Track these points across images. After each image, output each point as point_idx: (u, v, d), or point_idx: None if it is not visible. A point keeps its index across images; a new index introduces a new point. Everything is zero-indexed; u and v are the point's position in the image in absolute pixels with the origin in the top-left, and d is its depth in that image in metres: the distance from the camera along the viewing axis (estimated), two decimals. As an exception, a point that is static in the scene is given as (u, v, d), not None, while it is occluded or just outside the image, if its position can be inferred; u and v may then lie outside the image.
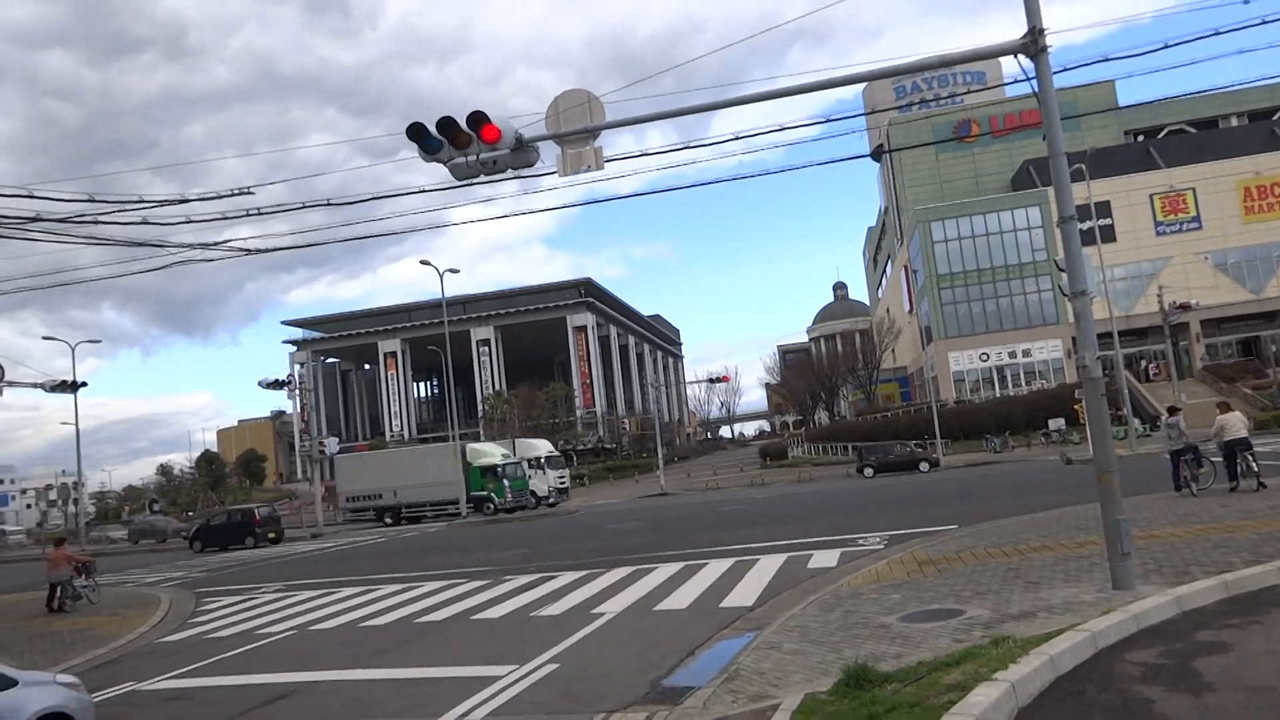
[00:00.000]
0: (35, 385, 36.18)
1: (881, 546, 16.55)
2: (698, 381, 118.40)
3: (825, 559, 15.72)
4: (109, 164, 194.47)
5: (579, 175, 10.85)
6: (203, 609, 18.32)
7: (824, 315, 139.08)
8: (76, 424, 46.58)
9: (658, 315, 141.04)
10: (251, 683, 10.63)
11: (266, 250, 17.23)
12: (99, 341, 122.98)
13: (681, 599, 13.24)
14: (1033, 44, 9.66)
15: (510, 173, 10.73)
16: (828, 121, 13.87)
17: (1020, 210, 68.29)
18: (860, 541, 17.67)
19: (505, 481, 44.20)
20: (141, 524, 57.47)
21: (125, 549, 50.31)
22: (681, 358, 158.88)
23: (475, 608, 14.40)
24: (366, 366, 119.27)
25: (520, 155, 10.34)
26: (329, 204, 14.06)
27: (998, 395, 66.04)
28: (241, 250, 16.86)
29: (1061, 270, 10.48)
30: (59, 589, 19.94)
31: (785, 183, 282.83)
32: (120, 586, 24.31)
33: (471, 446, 47.91)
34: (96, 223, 14.01)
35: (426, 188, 14.38)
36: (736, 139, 12.52)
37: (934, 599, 10.38)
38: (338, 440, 54.54)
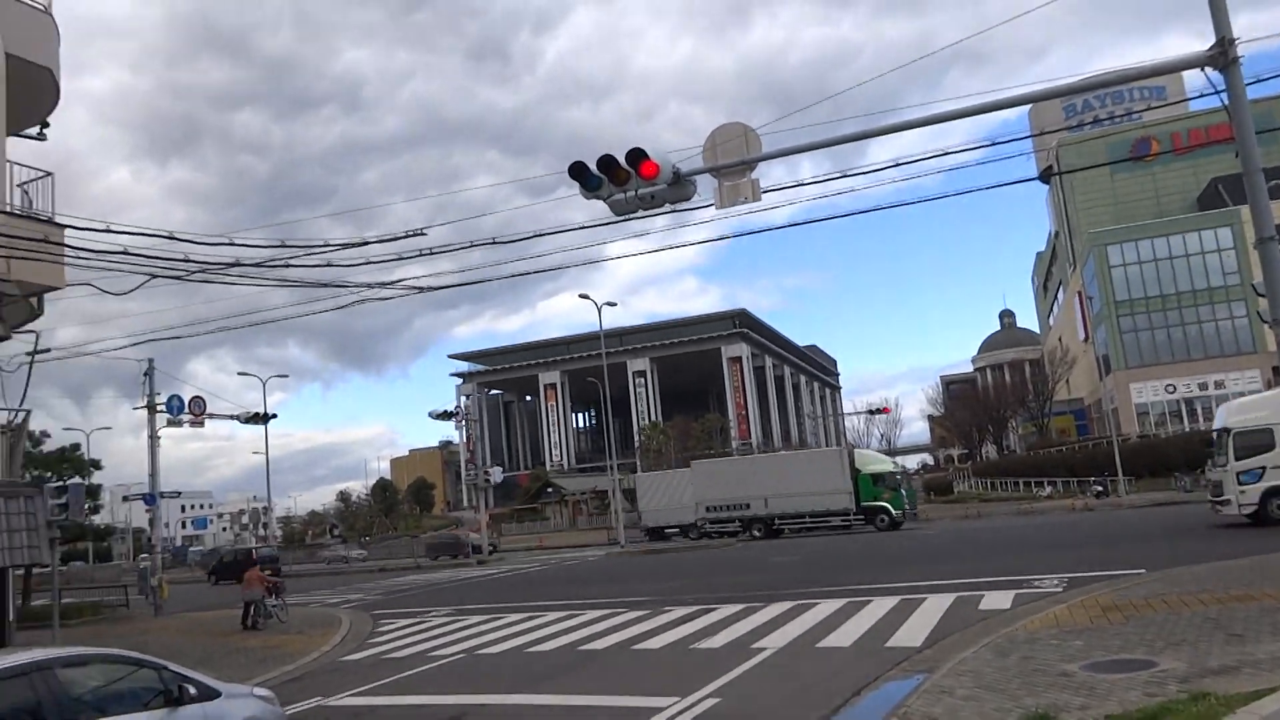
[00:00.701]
0: (232, 417, 39.19)
1: (1060, 589, 15.61)
2: (856, 413, 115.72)
3: (998, 600, 14.96)
4: (293, 211, 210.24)
5: (732, 208, 10.92)
6: (380, 630, 19.24)
7: (990, 344, 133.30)
8: (266, 453, 50.06)
9: (813, 345, 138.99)
10: (427, 703, 11.08)
11: (437, 288, 18.12)
12: (286, 376, 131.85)
13: (844, 637, 12.90)
14: (1222, 55, 9.05)
15: (667, 207, 10.91)
16: (993, 145, 13.41)
17: (1209, 231, 63.57)
18: (1036, 583, 16.71)
19: (902, 491, 41.67)
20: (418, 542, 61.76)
21: (308, 571, 53.42)
22: (839, 388, 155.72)
23: (636, 637, 14.50)
24: (528, 398, 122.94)
25: (677, 189, 10.50)
26: (494, 242, 14.67)
27: (1186, 430, 61.26)
28: (414, 289, 17.82)
29: (1261, 295, 9.70)
30: (252, 607, 21.42)
31: (946, 209, 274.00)
32: (307, 607, 25.87)
33: (860, 452, 45.44)
34: (287, 266, 15.14)
35: (584, 224, 14.78)
36: (896, 165, 12.28)
37: (1121, 648, 9.69)
38: (501, 470, 56.32)
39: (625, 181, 10.07)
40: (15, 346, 17.23)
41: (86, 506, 30.45)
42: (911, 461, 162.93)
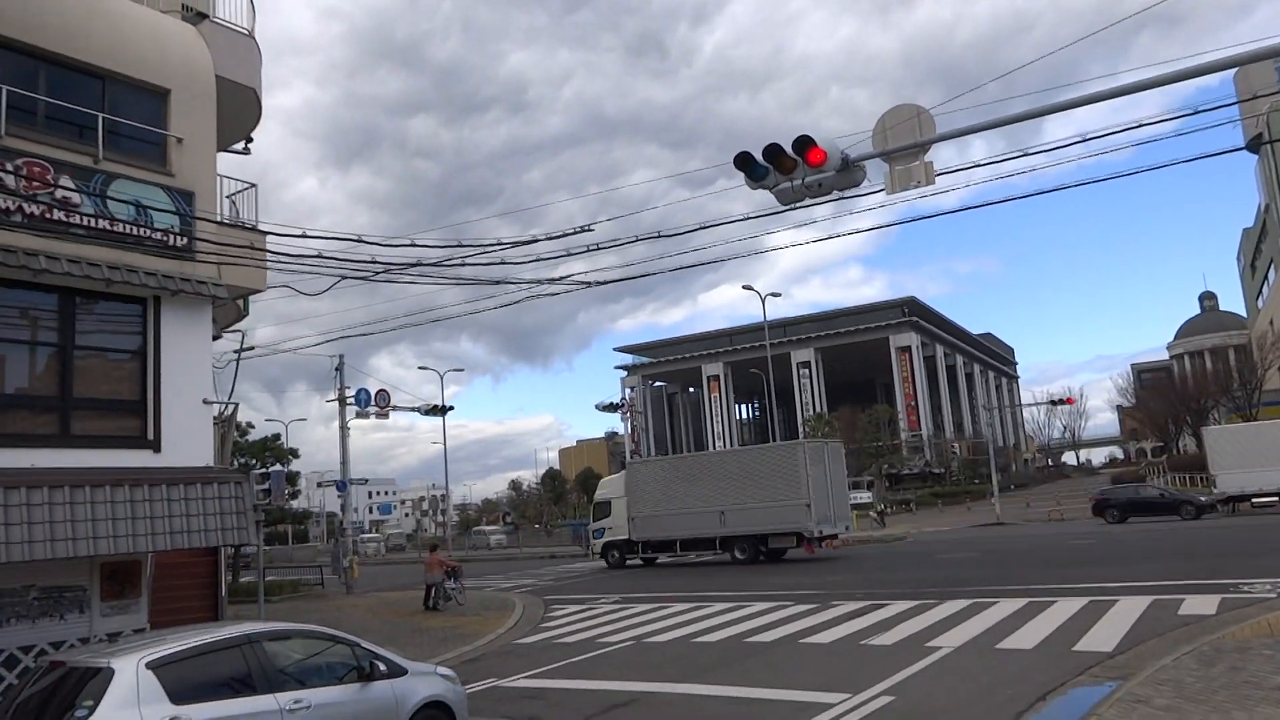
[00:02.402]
0: (413, 409, 41.44)
1: (1274, 595, 14.28)
2: (1036, 404, 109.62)
3: (1200, 605, 13.84)
4: (463, 213, 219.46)
5: (903, 192, 10.55)
6: (551, 615, 19.85)
7: (1188, 329, 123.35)
8: (444, 443, 52.28)
9: (988, 333, 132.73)
10: (597, 688, 11.34)
11: (603, 283, 18.45)
12: (462, 370, 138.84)
13: (1026, 638, 12.28)
14: None
15: (835, 194, 10.66)
16: (1194, 113, 12.32)
17: None
18: (1245, 588, 15.36)
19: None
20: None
21: (482, 556, 55.62)
22: (1016, 378, 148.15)
23: (803, 631, 14.33)
24: (691, 389, 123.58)
25: (846, 176, 10.23)
26: (658, 236, 14.77)
27: None
28: (581, 284, 18.22)
29: None
30: (433, 590, 22.55)
31: (1137, 186, 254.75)
32: (482, 590, 27.00)
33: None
34: (462, 264, 15.81)
35: (746, 215, 14.68)
36: (1082, 140, 11.49)
37: (1349, 662, 8.78)
38: (666, 461, 56.75)
39: (792, 170, 9.90)
40: (223, 345, 18.82)
41: (286, 492, 32.92)
42: (1099, 455, 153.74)
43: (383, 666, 7.82)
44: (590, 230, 15.33)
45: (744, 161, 9.98)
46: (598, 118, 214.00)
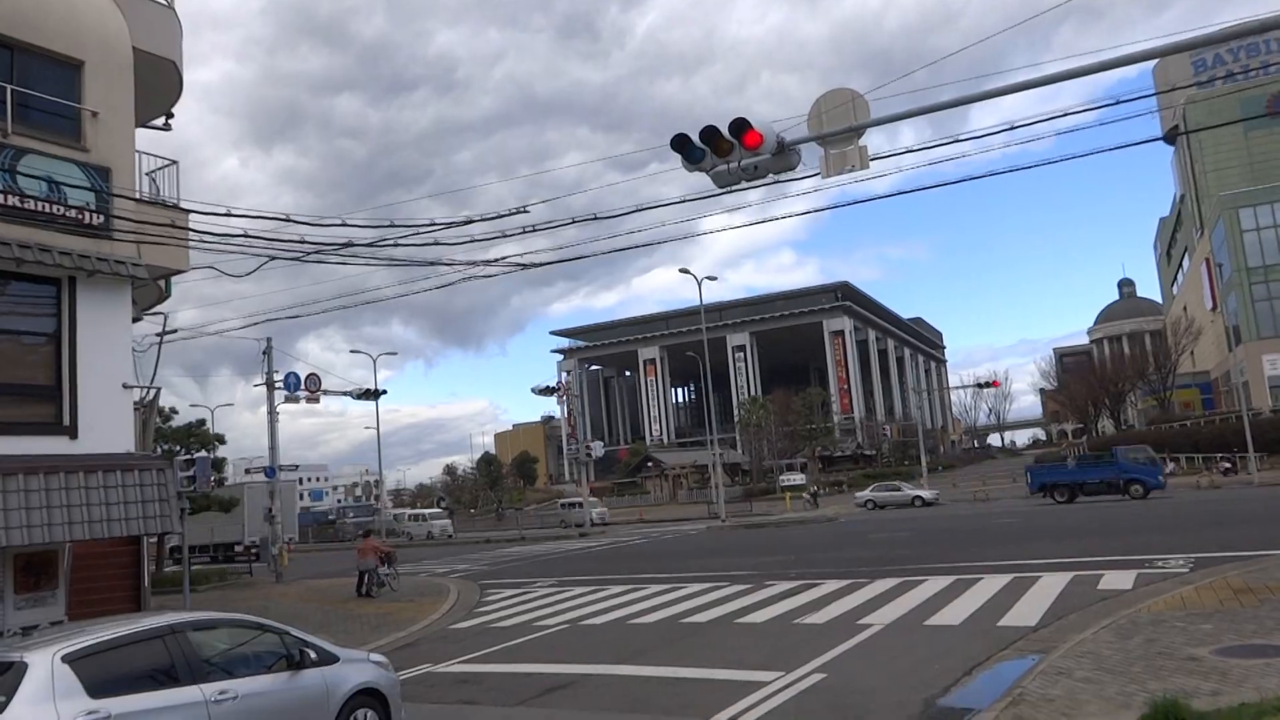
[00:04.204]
0: (345, 393, 40.62)
1: (1187, 570, 14.87)
2: (963, 386, 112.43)
3: (1118, 580, 14.35)
4: (391, 193, 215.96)
5: (831, 178, 10.65)
6: (486, 600, 19.73)
7: (1108, 315, 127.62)
8: (378, 428, 51.39)
9: (918, 318, 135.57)
10: (532, 671, 11.30)
11: (538, 265, 18.29)
12: (395, 354, 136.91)
13: (954, 614, 12.59)
14: (1377, -7, 8.30)
15: (771, 177, 10.71)
16: (1114, 104, 12.64)
17: (1353, 190, 59.12)
18: (1160, 563, 15.98)
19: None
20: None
21: (417, 543, 55.06)
22: (945, 362, 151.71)
23: (738, 611, 14.47)
24: (627, 373, 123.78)
25: (781, 159, 10.27)
26: (594, 218, 14.69)
27: (1325, 403, 57.45)
28: (516, 265, 18.04)
29: None
30: (366, 576, 22.22)
31: (1060, 175, 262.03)
32: (416, 576, 26.72)
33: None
34: (395, 245, 15.52)
35: (681, 198, 14.66)
36: (1009, 128, 11.73)
37: (1256, 633, 9.17)
38: (602, 444, 56.93)
39: (728, 153, 9.90)
40: (144, 328, 18.19)
41: (212, 479, 32.04)
42: (1022, 437, 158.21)
43: (313, 654, 7.66)
44: (526, 211, 15.16)
45: (681, 144, 9.95)
46: (529, 99, 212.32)
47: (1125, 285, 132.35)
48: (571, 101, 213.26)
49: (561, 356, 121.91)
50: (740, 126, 9.65)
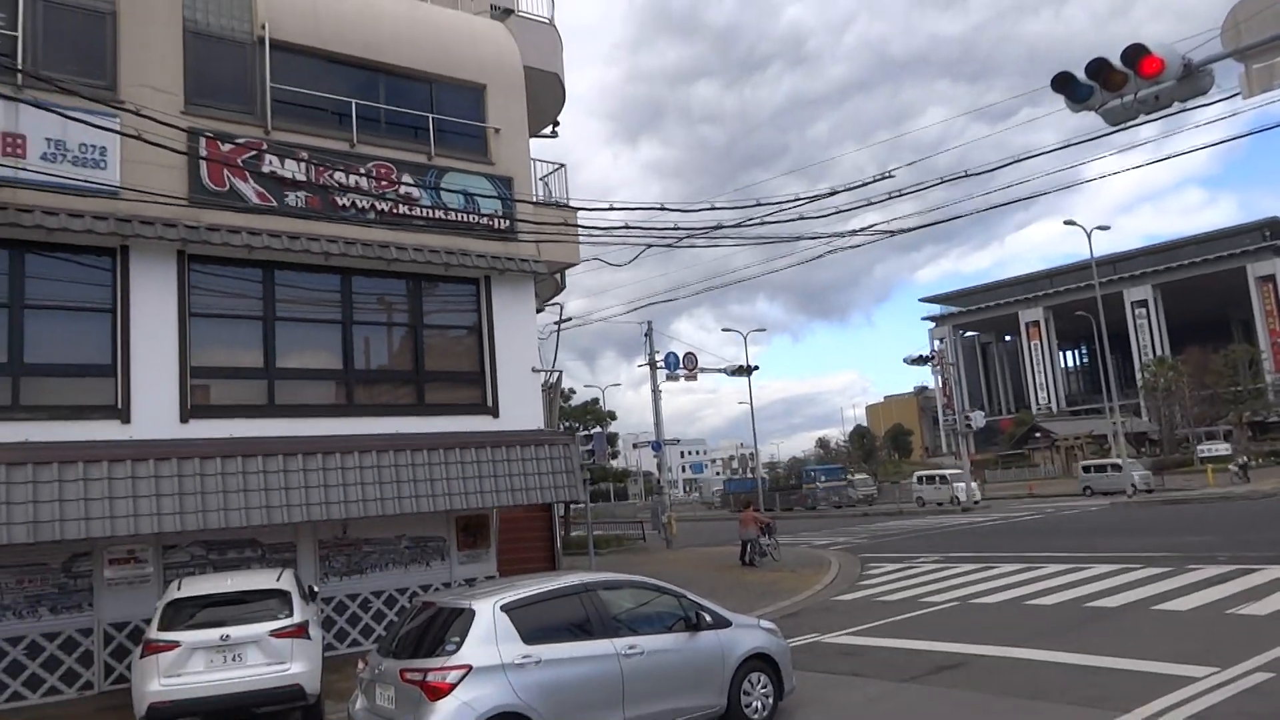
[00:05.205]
0: (720, 370, 42.34)
1: None
2: None
3: None
4: (751, 174, 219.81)
5: (1255, 98, 9.07)
6: (868, 573, 19.56)
7: None
8: (751, 403, 53.13)
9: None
10: (920, 648, 11.01)
11: (907, 230, 17.65)
12: (764, 330, 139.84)
13: None
14: None
15: (1176, 106, 9.39)
16: None
17: None
18: None
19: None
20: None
21: (796, 514, 56.01)
22: None
23: (1155, 597, 12.99)
24: (1007, 338, 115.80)
25: (1188, 84, 8.95)
26: (965, 175, 13.88)
27: None
28: (883, 233, 17.56)
29: None
30: (748, 546, 23.02)
31: None
32: (796, 547, 27.19)
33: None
34: (762, 223, 15.82)
35: (1066, 143, 13.37)
36: None
37: None
38: (983, 414, 53.87)
39: (1122, 85, 8.82)
40: (543, 318, 20.28)
41: (608, 452, 35.02)
42: None
43: (708, 618, 8.09)
44: (891, 176, 14.75)
45: (1063, 82, 9.04)
46: (883, 60, 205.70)
47: None
48: (929, 56, 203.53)
49: (933, 324, 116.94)
50: (1135, 53, 8.56)
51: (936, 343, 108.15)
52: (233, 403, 12.39)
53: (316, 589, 11.53)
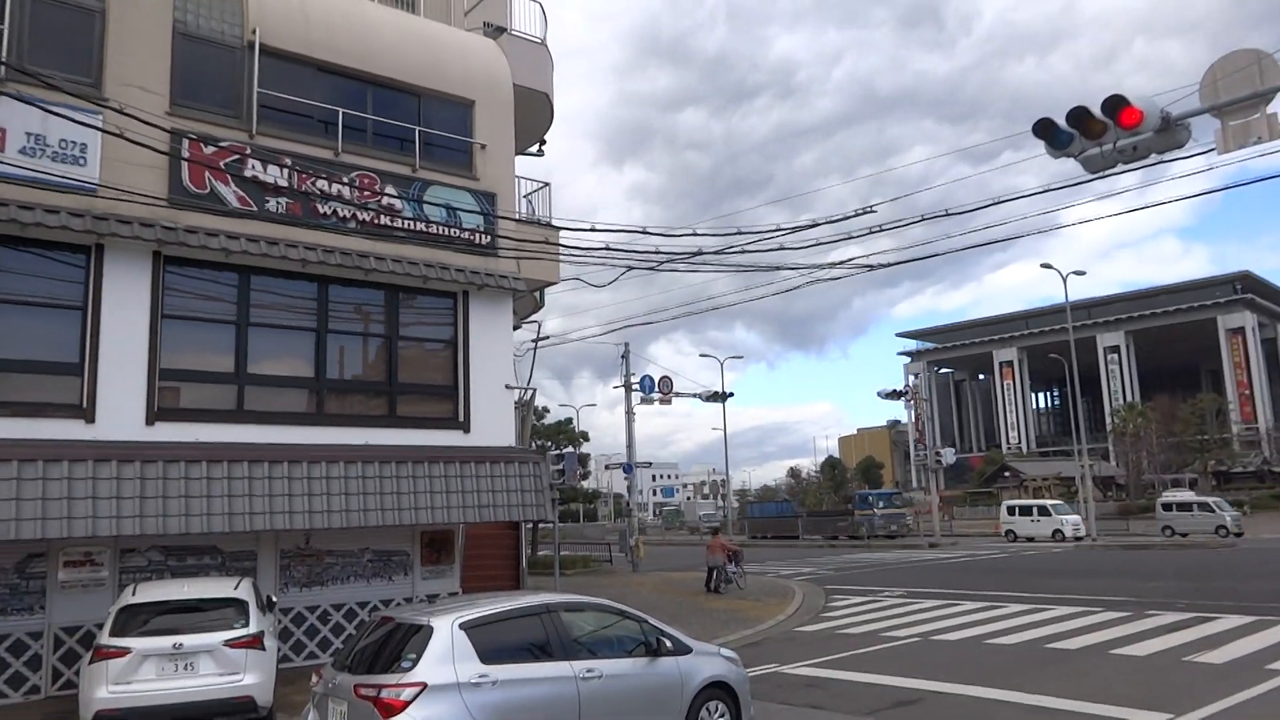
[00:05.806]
0: (695, 395, 42.38)
1: None
2: None
3: None
4: (734, 201, 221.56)
5: (1229, 154, 9.28)
6: (832, 605, 19.56)
7: None
8: (725, 429, 53.15)
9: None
10: (880, 683, 11.02)
11: (886, 265, 17.83)
12: (741, 358, 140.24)
13: (1402, 670, 10.43)
14: None
15: (1153, 158, 9.57)
16: None
17: None
18: None
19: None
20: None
21: (758, 543, 55.89)
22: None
23: (1115, 641, 13.08)
24: (981, 377, 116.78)
25: (1166, 136, 9.13)
26: (945, 214, 14.06)
27: None
28: (862, 267, 17.72)
29: None
30: (714, 572, 22.97)
31: None
32: (762, 576, 27.14)
33: None
34: (742, 251, 15.91)
35: (1046, 188, 13.56)
36: None
37: None
38: (953, 451, 54.19)
39: (1101, 134, 8.99)
40: (520, 335, 20.26)
41: (579, 473, 34.89)
42: None
43: (669, 643, 8.06)
44: (872, 211, 14.89)
45: (1044, 129, 9.20)
46: (870, 96, 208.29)
47: None
48: (915, 94, 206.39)
49: (908, 359, 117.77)
50: (1115, 104, 8.73)
51: (911, 378, 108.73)
52: (201, 407, 12.25)
53: (275, 599, 11.38)
